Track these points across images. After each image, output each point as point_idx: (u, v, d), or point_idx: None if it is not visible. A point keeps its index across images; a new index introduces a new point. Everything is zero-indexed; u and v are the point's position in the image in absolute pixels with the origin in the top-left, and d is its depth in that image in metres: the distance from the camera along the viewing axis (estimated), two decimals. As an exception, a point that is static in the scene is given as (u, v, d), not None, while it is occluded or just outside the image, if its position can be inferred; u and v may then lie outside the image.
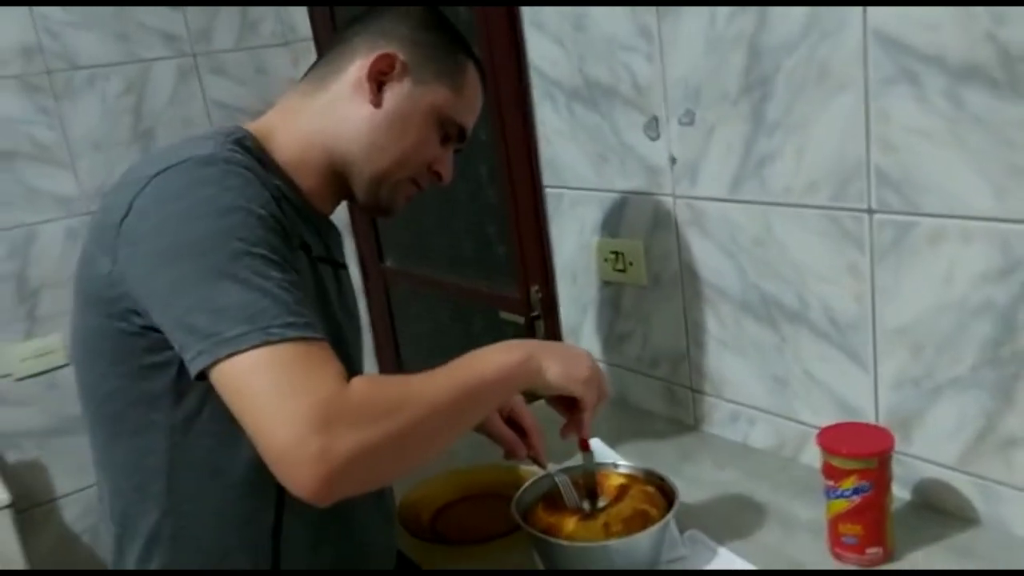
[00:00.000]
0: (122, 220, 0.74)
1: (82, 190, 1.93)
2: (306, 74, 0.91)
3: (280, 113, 0.89)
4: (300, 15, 2.06)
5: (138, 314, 0.74)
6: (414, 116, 0.87)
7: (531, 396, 0.98)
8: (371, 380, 0.71)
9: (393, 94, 0.87)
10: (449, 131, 0.91)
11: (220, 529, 0.80)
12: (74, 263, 0.82)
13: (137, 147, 1.98)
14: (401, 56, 0.86)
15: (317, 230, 0.89)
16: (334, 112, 0.87)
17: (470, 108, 0.92)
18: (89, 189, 1.94)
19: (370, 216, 0.96)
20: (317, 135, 0.87)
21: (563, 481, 0.98)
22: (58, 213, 1.91)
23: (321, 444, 0.64)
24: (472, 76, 0.91)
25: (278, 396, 0.66)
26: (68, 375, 1.86)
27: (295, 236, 0.80)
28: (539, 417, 1.03)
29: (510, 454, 0.99)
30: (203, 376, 0.69)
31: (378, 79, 0.86)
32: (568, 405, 0.94)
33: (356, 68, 0.86)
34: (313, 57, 2.07)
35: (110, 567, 0.87)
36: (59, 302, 1.88)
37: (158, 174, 0.74)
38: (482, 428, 0.97)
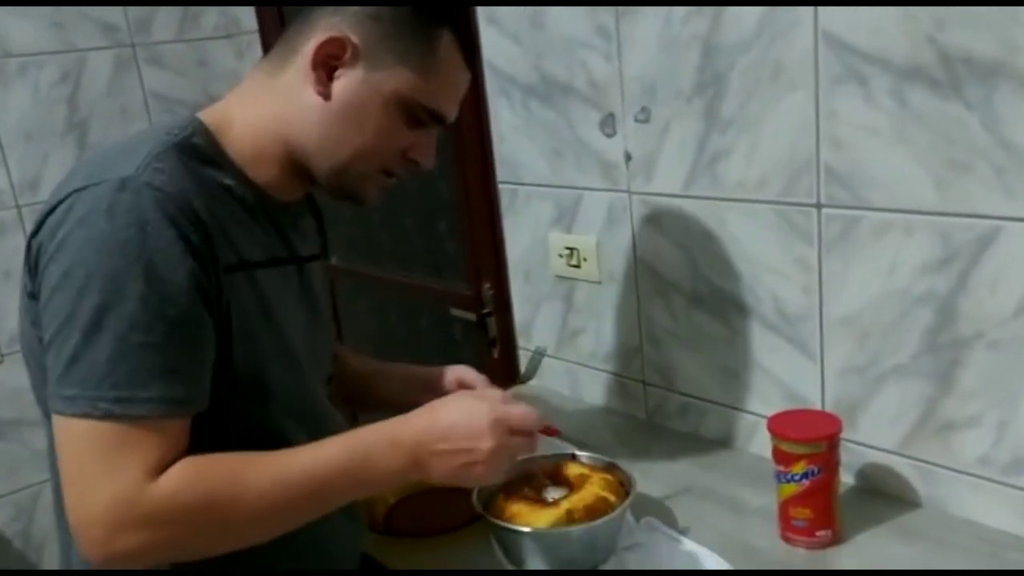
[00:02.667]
0: (32, 236, 0.74)
1: (13, 182, 1.85)
2: (270, 51, 0.86)
3: (239, 97, 0.85)
4: (245, 8, 2.02)
5: None
6: (371, 105, 0.79)
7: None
8: (188, 472, 0.70)
9: (345, 82, 0.79)
10: (419, 116, 0.82)
11: None
12: (4, 258, 0.80)
13: (72, 137, 1.90)
14: (353, 38, 0.78)
15: (276, 226, 0.85)
16: (290, 99, 0.81)
17: (443, 90, 0.82)
18: (20, 182, 1.85)
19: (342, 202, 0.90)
20: (274, 124, 0.82)
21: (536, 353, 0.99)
22: (-14, 205, 1.82)
23: (103, 536, 0.68)
24: (446, 54, 0.81)
25: (80, 475, 0.69)
26: (-4, 374, 1.79)
27: (226, 254, 0.76)
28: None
29: None
30: None
31: (328, 65, 0.79)
32: None
33: (309, 49, 0.79)
34: (258, 51, 2.05)
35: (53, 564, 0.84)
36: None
37: (76, 191, 0.72)
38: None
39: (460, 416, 0.79)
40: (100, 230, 0.69)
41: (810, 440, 0.91)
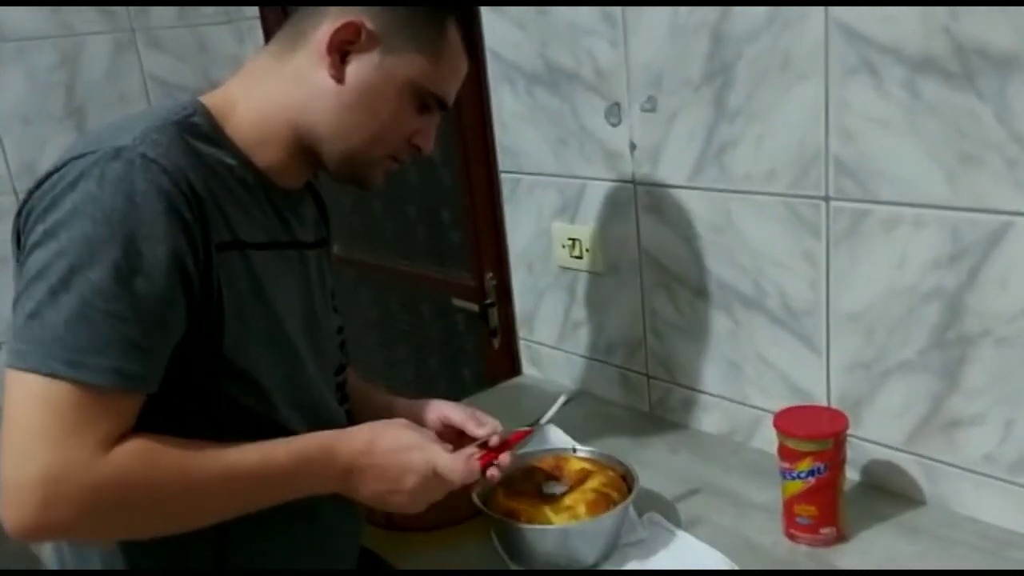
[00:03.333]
0: (21, 207, 0.72)
1: (10, 167, 1.83)
2: (276, 34, 0.84)
3: (243, 81, 0.83)
4: (246, -8, 2.00)
5: None
6: (386, 90, 0.80)
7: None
8: (138, 456, 0.69)
9: (359, 67, 0.79)
10: (427, 102, 0.83)
11: None
12: (1, 244, 0.78)
13: (70, 123, 1.88)
14: (368, 24, 0.78)
15: (276, 211, 0.84)
16: (300, 83, 0.80)
17: (450, 76, 0.83)
18: (17, 166, 1.83)
19: (347, 186, 0.90)
20: (281, 108, 0.81)
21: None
22: (-17, 190, 1.81)
23: (40, 500, 0.65)
24: (453, 41, 0.82)
25: (25, 433, 0.66)
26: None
27: (219, 232, 0.74)
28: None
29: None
30: None
31: (341, 50, 0.78)
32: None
33: (322, 34, 0.78)
34: (259, 37, 2.02)
35: (49, 565, 0.83)
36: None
37: (71, 160, 0.71)
38: None
39: (396, 447, 0.81)
40: (89, 195, 0.68)
41: (817, 437, 0.90)
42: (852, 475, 1.03)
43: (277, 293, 0.82)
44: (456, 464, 0.81)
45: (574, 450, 1.04)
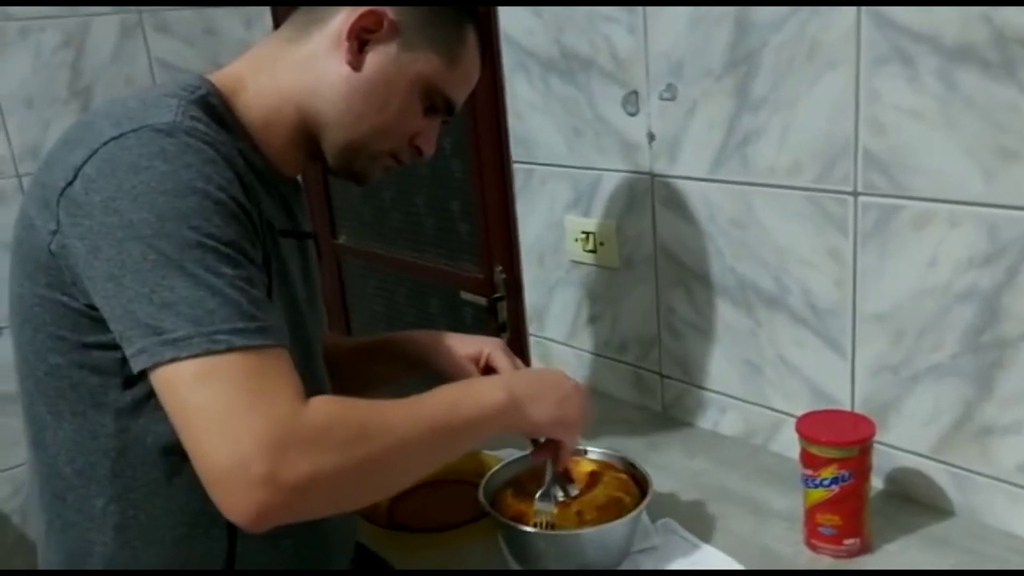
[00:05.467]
0: (66, 187, 0.66)
1: (13, 150, 1.80)
2: (288, 19, 0.82)
3: (252, 63, 0.81)
4: (255, -24, 1.96)
5: (81, 289, 0.67)
6: (398, 84, 0.79)
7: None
8: (333, 401, 0.66)
9: (376, 57, 0.78)
10: (436, 103, 0.82)
11: (171, 518, 0.73)
12: (4, 227, 0.74)
13: (75, 105, 1.85)
14: (391, 15, 0.77)
15: (282, 198, 0.83)
16: (312, 68, 0.78)
17: (463, 81, 0.83)
18: (21, 149, 1.80)
19: (342, 179, 0.88)
20: (290, 92, 0.79)
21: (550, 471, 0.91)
22: (-15, 174, 1.78)
23: (267, 468, 0.59)
24: (471, 47, 0.82)
25: (221, 413, 0.61)
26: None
27: (258, 215, 0.72)
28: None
29: None
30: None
31: (360, 38, 0.77)
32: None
33: (340, 21, 0.77)
34: (268, 21, 1.98)
35: (39, 556, 0.80)
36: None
37: (111, 140, 0.66)
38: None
39: (537, 372, 0.93)
40: (160, 172, 0.65)
41: (842, 444, 0.86)
42: (876, 483, 0.99)
43: (296, 282, 0.81)
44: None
45: (584, 451, 1.00)
